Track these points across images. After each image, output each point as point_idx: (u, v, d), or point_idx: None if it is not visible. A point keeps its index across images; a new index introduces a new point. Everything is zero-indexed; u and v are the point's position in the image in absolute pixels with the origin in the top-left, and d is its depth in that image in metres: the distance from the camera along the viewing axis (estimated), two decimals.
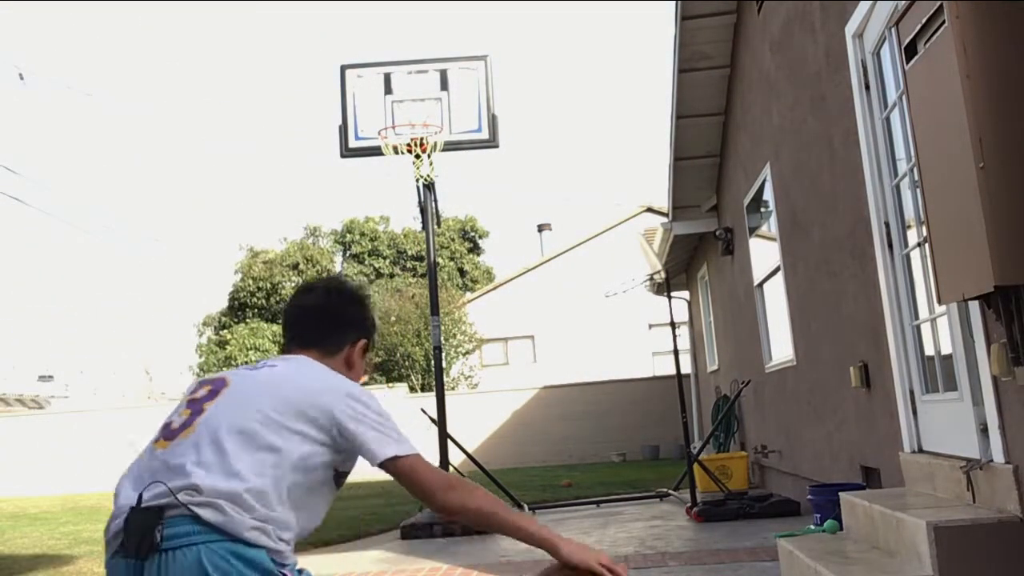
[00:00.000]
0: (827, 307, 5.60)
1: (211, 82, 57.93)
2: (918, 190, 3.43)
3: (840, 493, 4.22)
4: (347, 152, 8.06)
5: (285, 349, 2.12)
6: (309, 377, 1.91)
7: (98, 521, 10.06)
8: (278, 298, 30.03)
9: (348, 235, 32.41)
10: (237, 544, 1.60)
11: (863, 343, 4.83)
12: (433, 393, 9.02)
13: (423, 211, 8.01)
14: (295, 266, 30.58)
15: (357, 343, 2.16)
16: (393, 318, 21.27)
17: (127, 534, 1.59)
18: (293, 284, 30.43)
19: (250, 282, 30.06)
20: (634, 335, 22.77)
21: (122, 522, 1.62)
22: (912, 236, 4.07)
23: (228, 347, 26.95)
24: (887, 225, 4.31)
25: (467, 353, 22.22)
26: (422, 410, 9.37)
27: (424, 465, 1.87)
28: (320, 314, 2.12)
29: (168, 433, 1.79)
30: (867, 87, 4.44)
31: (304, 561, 1.86)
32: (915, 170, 3.47)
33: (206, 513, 1.59)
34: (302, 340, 2.09)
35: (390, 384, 19.60)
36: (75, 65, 57.42)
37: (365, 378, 2.22)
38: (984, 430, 3.29)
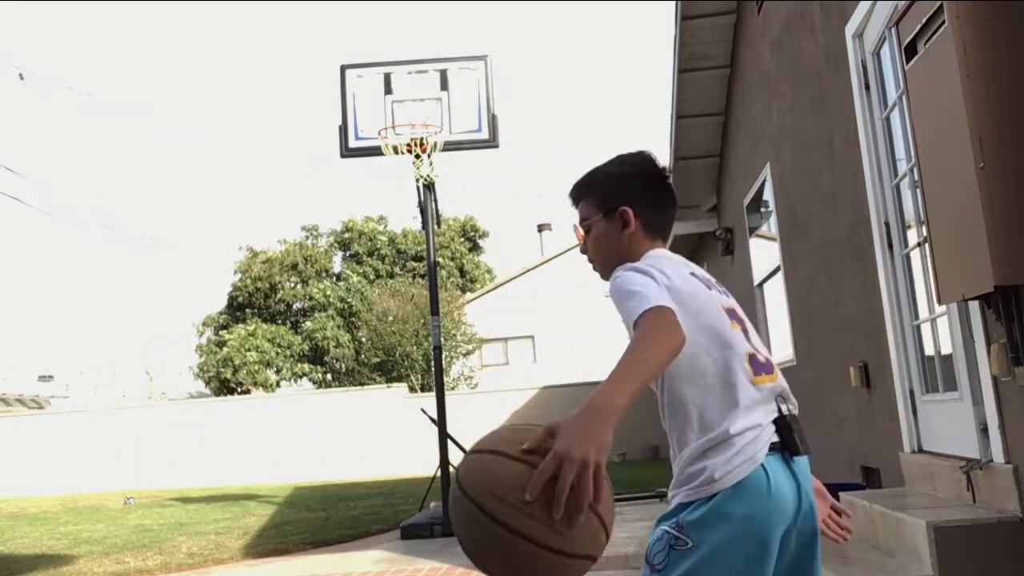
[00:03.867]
0: (827, 307, 5.60)
1: (211, 82, 57.94)
2: (918, 190, 3.43)
3: (840, 493, 4.22)
4: (347, 152, 8.06)
5: (651, 241, 1.93)
6: None
7: (98, 521, 10.06)
8: (277, 298, 30.02)
9: (347, 234, 32.41)
10: None
11: (863, 343, 4.83)
12: (433, 393, 9.02)
13: (423, 211, 8.01)
14: (294, 266, 30.57)
15: None
16: (391, 318, 21.26)
17: (792, 436, 1.77)
18: (292, 284, 30.41)
19: (249, 282, 30.05)
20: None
21: (773, 428, 1.77)
22: (912, 236, 4.07)
23: (228, 347, 26.94)
24: (887, 225, 4.31)
25: (467, 354, 22.22)
26: (422, 410, 9.38)
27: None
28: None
29: (768, 367, 1.85)
30: (867, 87, 4.44)
31: (304, 561, 1.87)
32: (915, 170, 3.47)
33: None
34: (666, 234, 2.00)
35: (389, 384, 19.59)
36: (75, 65, 57.42)
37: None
38: (984, 430, 3.29)
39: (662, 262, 1.80)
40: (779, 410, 1.80)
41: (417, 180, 7.89)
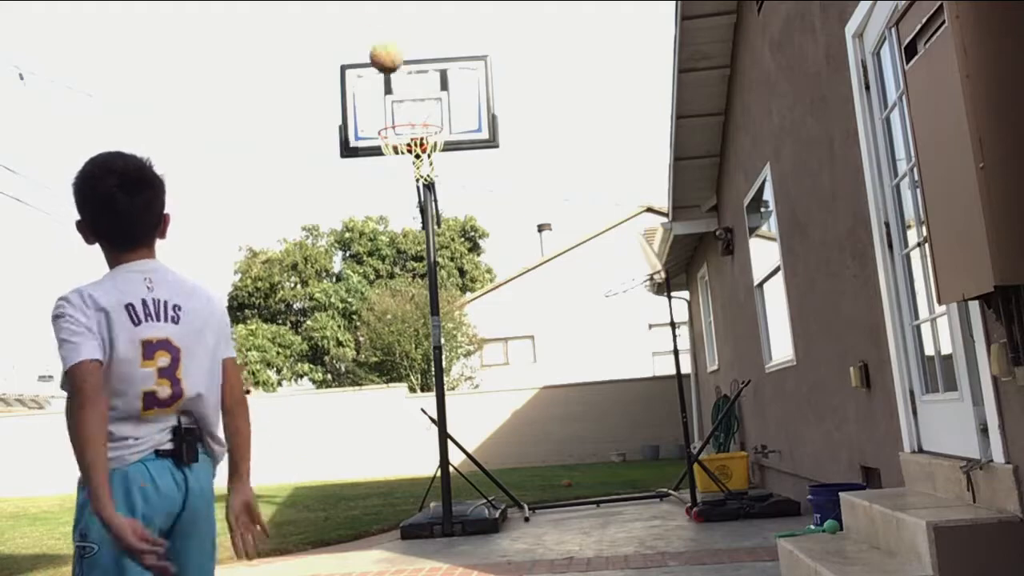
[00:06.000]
0: (827, 307, 5.60)
1: (211, 82, 57.95)
2: (918, 190, 3.43)
3: (840, 493, 4.23)
4: (347, 152, 8.06)
5: (119, 257, 2.09)
6: None
7: None
8: (277, 298, 30.03)
9: (348, 234, 32.42)
10: None
11: (863, 343, 4.84)
12: (433, 393, 9.03)
13: (423, 211, 8.01)
14: (294, 266, 30.58)
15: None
16: (389, 316, 21.26)
17: (181, 449, 2.26)
18: (292, 284, 30.42)
19: (249, 282, 30.06)
20: (634, 335, 22.78)
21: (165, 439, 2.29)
22: (912, 236, 4.07)
23: None
24: (887, 225, 4.31)
25: (467, 354, 22.23)
26: (422, 410, 9.40)
27: None
28: (154, 213, 2.15)
29: (165, 403, 2.23)
30: (867, 87, 4.45)
31: (304, 561, 1.88)
32: (915, 170, 3.47)
33: None
34: (145, 241, 2.12)
35: (389, 384, 19.59)
36: (75, 65, 57.42)
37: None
38: (984, 430, 3.29)
39: (103, 288, 1.99)
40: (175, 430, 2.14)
41: (417, 180, 7.89)
